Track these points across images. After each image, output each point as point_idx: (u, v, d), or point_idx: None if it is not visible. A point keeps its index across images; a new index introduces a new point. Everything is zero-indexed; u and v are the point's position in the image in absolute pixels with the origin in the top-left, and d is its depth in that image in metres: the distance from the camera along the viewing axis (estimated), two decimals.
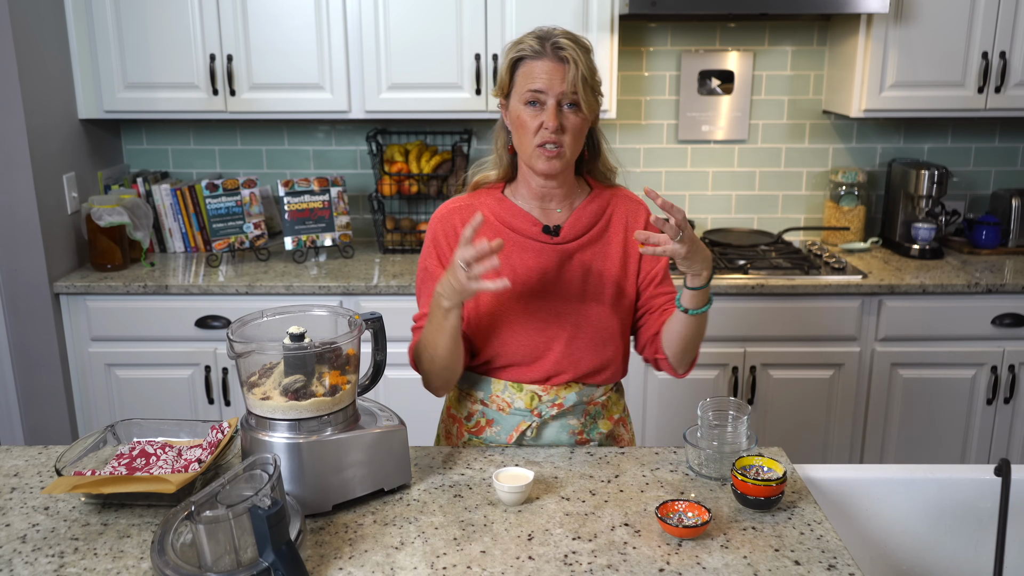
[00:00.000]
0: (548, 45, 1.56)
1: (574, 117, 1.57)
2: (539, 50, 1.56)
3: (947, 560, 1.65)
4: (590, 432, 1.73)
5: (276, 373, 1.45)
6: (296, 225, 3.08)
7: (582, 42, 1.59)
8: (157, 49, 2.93)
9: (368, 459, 1.46)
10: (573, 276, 1.67)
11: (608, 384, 1.75)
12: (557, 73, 1.54)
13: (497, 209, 1.69)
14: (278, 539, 1.20)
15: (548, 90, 1.55)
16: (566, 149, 1.59)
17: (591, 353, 1.68)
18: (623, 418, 1.82)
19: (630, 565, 1.31)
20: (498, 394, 1.70)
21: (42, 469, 1.61)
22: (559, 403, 1.69)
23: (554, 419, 1.70)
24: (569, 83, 1.54)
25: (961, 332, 2.87)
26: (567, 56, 1.54)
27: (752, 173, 3.39)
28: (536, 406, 1.69)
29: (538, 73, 1.56)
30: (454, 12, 2.89)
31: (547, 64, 1.55)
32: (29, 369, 2.88)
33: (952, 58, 2.94)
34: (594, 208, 1.70)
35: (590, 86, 1.56)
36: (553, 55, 1.55)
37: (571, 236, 1.68)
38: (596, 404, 1.74)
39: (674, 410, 2.91)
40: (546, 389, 1.68)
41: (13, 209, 2.75)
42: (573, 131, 1.58)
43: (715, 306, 2.80)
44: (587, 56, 1.58)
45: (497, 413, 1.71)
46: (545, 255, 1.66)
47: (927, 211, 3.18)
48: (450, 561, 1.32)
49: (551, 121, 1.55)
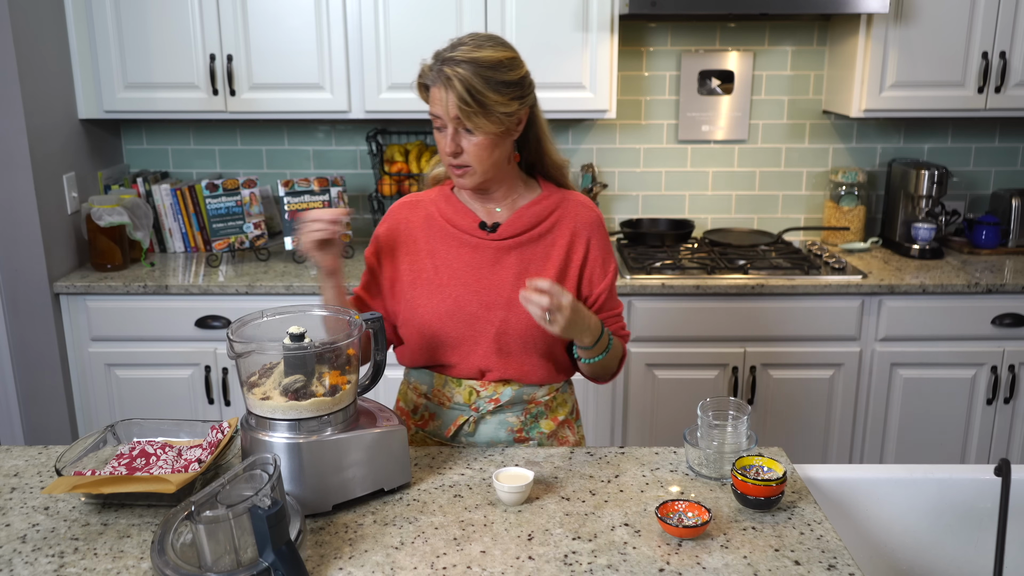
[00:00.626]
0: (438, 69, 1.53)
1: (473, 139, 1.56)
2: (433, 76, 1.55)
3: (947, 560, 1.65)
4: (530, 431, 1.73)
5: (276, 373, 1.46)
6: (296, 225, 3.08)
7: (479, 58, 1.52)
8: (157, 49, 2.93)
9: (368, 459, 1.46)
10: (506, 274, 1.66)
11: (550, 384, 1.74)
12: (444, 100, 1.54)
13: (443, 206, 1.71)
14: (278, 539, 1.20)
15: (443, 116, 1.55)
16: (474, 167, 1.59)
17: (520, 352, 1.67)
18: (569, 420, 1.80)
19: (630, 565, 1.31)
20: (439, 388, 1.73)
21: (42, 469, 1.61)
22: (495, 399, 1.69)
23: (492, 415, 1.71)
24: (452, 112, 1.53)
25: (961, 332, 2.87)
26: (449, 84, 1.51)
27: (752, 173, 3.39)
28: (474, 401, 1.70)
29: (434, 99, 1.56)
30: (454, 12, 2.89)
31: (437, 92, 1.55)
32: (29, 369, 2.88)
33: (952, 58, 2.94)
34: (539, 210, 1.69)
35: (481, 107, 1.51)
36: (440, 80, 1.53)
37: (508, 234, 1.67)
38: (538, 403, 1.73)
39: (674, 410, 2.91)
40: (484, 385, 1.69)
41: (13, 209, 2.75)
42: (474, 152, 1.57)
43: (715, 306, 2.83)
44: (482, 72, 1.52)
45: (438, 407, 1.73)
46: (480, 251, 1.67)
47: (927, 211, 3.18)
48: (450, 561, 1.32)
49: (447, 146, 1.57)
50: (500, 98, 1.53)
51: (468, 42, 1.56)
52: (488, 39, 1.58)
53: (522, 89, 1.58)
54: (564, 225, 1.70)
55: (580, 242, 1.70)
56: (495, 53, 1.55)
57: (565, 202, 1.71)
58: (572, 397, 1.83)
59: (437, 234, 1.70)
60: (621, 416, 2.94)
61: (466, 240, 1.68)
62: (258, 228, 3.13)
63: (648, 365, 2.88)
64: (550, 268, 1.68)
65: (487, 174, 1.62)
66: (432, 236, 1.70)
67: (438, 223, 1.71)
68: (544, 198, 1.70)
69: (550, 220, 1.69)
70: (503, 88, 1.54)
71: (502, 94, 1.54)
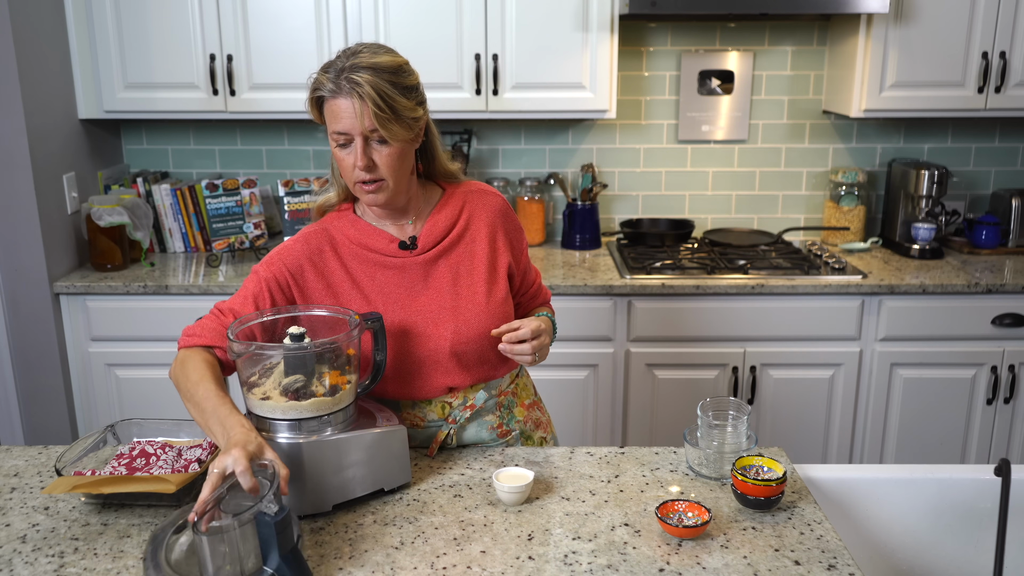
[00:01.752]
0: (342, 80, 1.46)
1: (386, 149, 1.50)
2: (334, 88, 1.47)
3: (947, 560, 1.65)
4: (509, 423, 1.73)
5: (276, 373, 1.46)
6: (296, 225, 3.08)
7: (380, 63, 1.48)
8: (157, 49, 2.93)
9: (368, 459, 1.46)
10: (442, 284, 1.63)
11: (511, 372, 1.75)
12: (355, 110, 1.46)
13: (351, 232, 1.63)
14: (284, 545, 1.19)
15: (351, 130, 1.48)
16: (387, 181, 1.53)
17: (479, 356, 1.64)
18: (536, 402, 1.82)
19: (630, 565, 1.31)
20: (408, 411, 1.67)
21: (42, 469, 1.62)
22: (471, 404, 1.67)
23: (470, 421, 1.69)
24: (366, 121, 1.46)
25: (961, 332, 2.87)
26: (361, 91, 1.45)
27: (752, 173, 3.39)
28: (449, 413, 1.67)
29: (338, 113, 1.48)
30: (454, 12, 2.90)
31: (344, 102, 1.47)
32: (29, 369, 2.88)
33: (952, 58, 2.94)
34: (448, 212, 1.66)
35: (392, 113, 1.47)
36: (348, 90, 1.46)
37: (429, 245, 1.63)
38: (506, 394, 1.73)
39: (674, 410, 2.91)
40: (454, 395, 1.66)
41: (13, 209, 2.75)
42: (387, 163, 1.51)
43: (715, 306, 2.83)
44: (387, 78, 1.47)
45: (412, 429, 1.68)
46: (408, 270, 1.62)
47: (927, 211, 3.18)
48: (450, 561, 1.32)
49: (359, 160, 1.49)
50: (408, 103, 1.50)
51: (363, 50, 1.50)
52: (379, 46, 1.53)
53: (421, 94, 1.56)
54: (478, 218, 1.68)
55: (499, 230, 1.69)
56: (392, 58, 1.51)
57: (469, 195, 1.70)
58: (529, 379, 1.84)
59: (354, 262, 1.62)
60: (621, 416, 2.94)
61: (389, 262, 1.61)
62: (258, 228, 3.13)
63: (648, 365, 2.88)
64: (479, 265, 1.65)
65: (399, 186, 1.56)
66: (350, 266, 1.62)
67: (351, 251, 1.62)
68: (448, 198, 1.68)
69: (463, 218, 1.67)
70: (408, 93, 1.51)
71: (408, 98, 1.50)
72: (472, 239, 1.67)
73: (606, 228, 3.39)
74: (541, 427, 1.80)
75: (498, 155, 3.36)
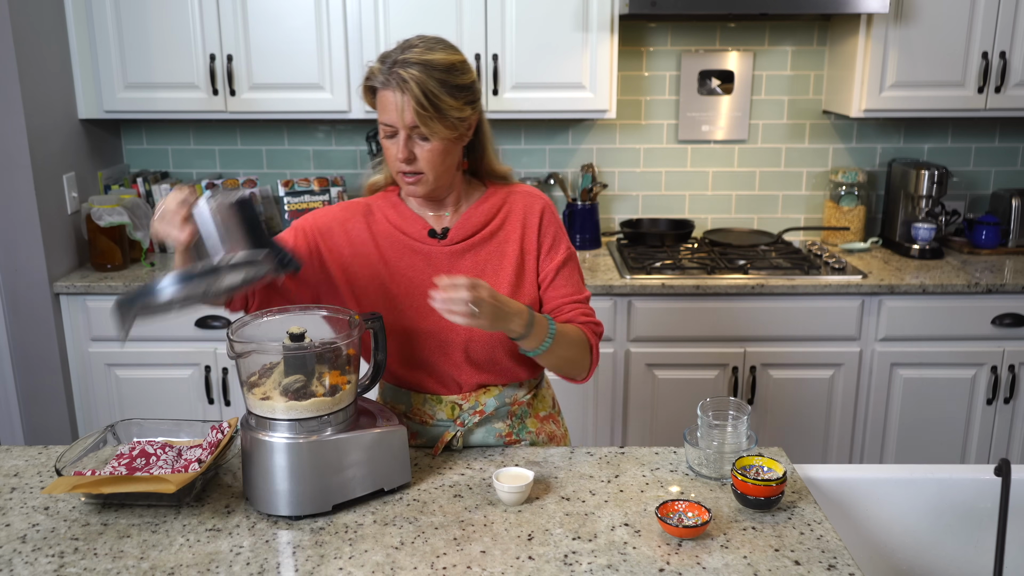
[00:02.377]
0: (392, 73, 1.47)
1: (427, 145, 1.52)
2: (384, 80, 1.49)
3: (947, 560, 1.65)
4: (519, 433, 1.71)
5: (276, 373, 1.46)
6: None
7: (433, 60, 1.48)
8: (157, 49, 2.93)
9: (368, 459, 1.46)
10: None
11: (530, 381, 1.72)
12: (399, 105, 1.48)
13: (390, 212, 1.66)
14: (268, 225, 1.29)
15: (395, 123, 1.50)
16: (426, 175, 1.55)
17: (490, 356, 1.63)
18: (552, 415, 1.78)
19: (630, 565, 1.31)
20: (419, 407, 1.68)
21: (42, 469, 1.62)
22: (480, 410, 1.66)
23: (478, 425, 1.68)
24: (407, 116, 1.48)
25: (961, 332, 2.87)
26: (405, 87, 1.46)
27: (752, 173, 3.39)
28: (458, 415, 1.66)
29: (385, 105, 1.50)
30: (454, 12, 2.90)
31: (390, 95, 1.49)
32: (29, 369, 2.88)
33: (952, 58, 2.94)
34: (486, 208, 1.65)
35: (437, 111, 1.48)
36: (395, 84, 1.47)
37: (459, 238, 1.63)
38: (521, 404, 1.71)
39: (674, 410, 2.91)
40: (465, 397, 1.66)
41: (13, 209, 2.75)
42: (427, 159, 1.53)
43: (715, 306, 2.83)
44: (437, 76, 1.48)
45: (420, 426, 1.69)
46: (433, 259, 1.63)
47: (927, 211, 3.18)
48: (450, 561, 1.32)
49: (400, 153, 1.51)
50: (455, 102, 1.50)
51: (419, 44, 1.51)
52: (438, 41, 1.54)
53: (473, 94, 1.55)
54: (514, 218, 1.66)
55: (531, 231, 1.66)
56: (448, 56, 1.51)
57: (511, 195, 1.68)
58: (550, 391, 1.81)
59: (385, 241, 1.64)
60: (621, 416, 2.94)
61: (417, 247, 1.63)
62: None
63: (648, 365, 2.88)
64: (507, 266, 1.64)
65: (439, 181, 1.57)
66: (380, 241, 1.65)
67: (386, 229, 1.65)
68: (491, 195, 1.67)
69: (499, 217, 1.66)
70: (457, 92, 1.50)
71: (456, 98, 1.50)
72: (504, 239, 1.65)
73: (606, 228, 3.39)
74: (555, 440, 1.77)
75: (498, 155, 3.35)
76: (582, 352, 1.62)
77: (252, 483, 1.45)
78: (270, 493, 1.42)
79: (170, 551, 1.34)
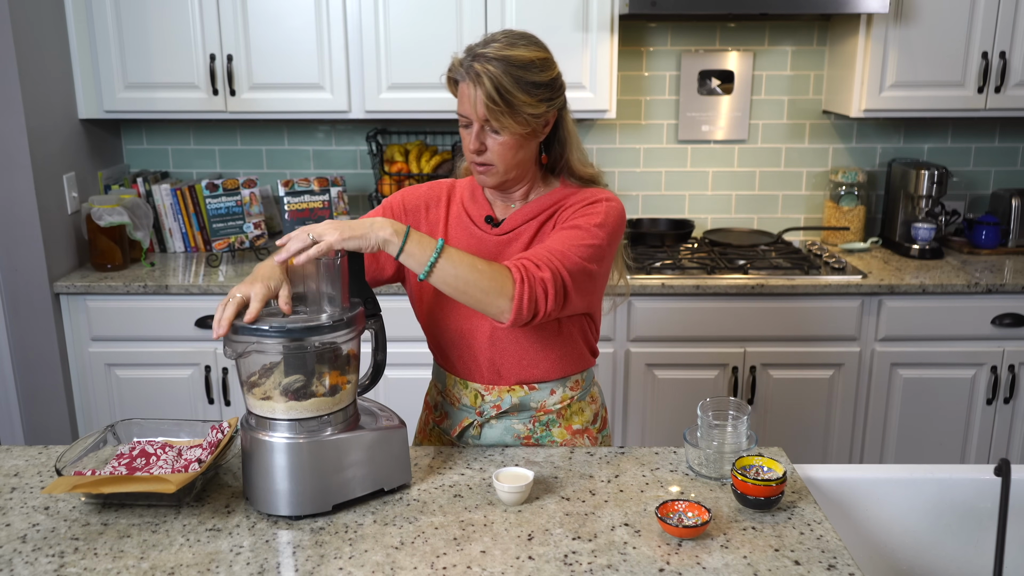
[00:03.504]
0: (469, 66, 1.51)
1: (499, 138, 1.54)
2: (463, 72, 1.52)
3: (947, 560, 1.65)
4: (540, 439, 1.71)
5: (276, 373, 1.45)
6: (296, 225, 3.08)
7: (512, 56, 1.50)
8: (157, 49, 2.93)
9: (368, 459, 1.46)
10: None
11: (565, 390, 1.69)
12: (471, 98, 1.51)
13: (466, 194, 1.71)
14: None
15: (468, 115, 1.54)
16: (496, 166, 1.57)
17: (519, 350, 1.64)
18: (589, 430, 1.73)
19: (630, 565, 1.31)
20: (450, 388, 1.73)
21: (42, 469, 1.61)
22: (498, 405, 1.67)
23: (497, 420, 1.70)
24: (479, 109, 1.51)
25: (961, 332, 2.87)
26: (479, 81, 1.49)
27: (752, 173, 3.39)
28: (479, 405, 1.69)
29: (461, 96, 1.55)
30: (454, 12, 2.90)
31: (466, 87, 1.52)
32: (29, 369, 2.88)
33: (952, 58, 2.94)
34: (544, 203, 1.64)
35: (508, 107, 1.49)
36: (470, 77, 1.51)
37: (508, 228, 1.65)
38: (549, 412, 1.70)
39: (674, 410, 2.91)
40: (488, 389, 1.67)
41: (13, 209, 2.75)
42: (497, 151, 1.55)
43: (715, 306, 2.83)
44: (513, 72, 1.49)
45: (450, 407, 1.74)
46: (484, 243, 1.65)
47: (927, 211, 3.18)
48: (450, 561, 1.32)
49: (472, 144, 1.55)
50: (529, 99, 1.51)
51: (501, 39, 1.53)
52: (522, 37, 1.55)
53: (552, 91, 1.55)
54: (562, 212, 1.63)
55: (565, 212, 1.61)
56: (528, 52, 1.52)
57: (577, 193, 1.64)
58: (593, 406, 1.75)
59: (454, 220, 1.70)
60: (621, 416, 2.94)
61: (474, 231, 1.67)
62: (258, 228, 3.13)
63: (648, 365, 2.88)
64: None
65: (509, 174, 1.60)
66: (452, 223, 1.70)
67: (457, 209, 1.71)
68: (556, 193, 1.65)
69: (552, 209, 1.64)
70: (533, 89, 1.51)
71: (531, 95, 1.51)
72: (546, 233, 1.63)
73: None
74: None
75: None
76: (492, 281, 1.46)
77: (252, 483, 1.45)
78: (270, 493, 1.42)
79: (170, 551, 1.34)
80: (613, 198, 1.63)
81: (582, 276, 1.54)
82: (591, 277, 1.57)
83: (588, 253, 1.54)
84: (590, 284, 1.58)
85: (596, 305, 1.69)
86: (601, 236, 1.56)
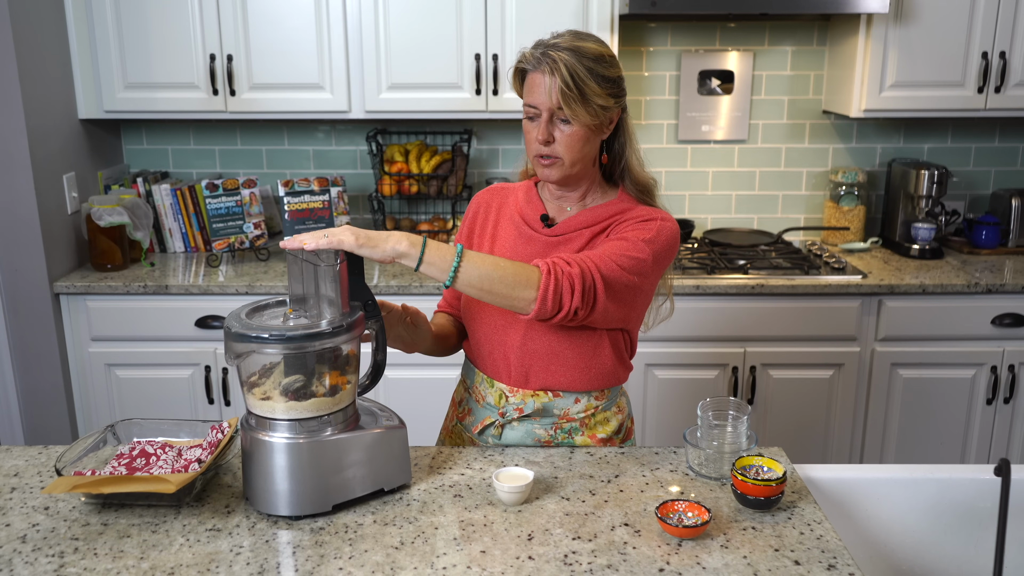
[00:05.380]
0: (543, 55, 1.54)
1: (568, 129, 1.56)
2: (535, 62, 1.55)
3: (947, 560, 1.65)
4: (561, 445, 1.70)
5: (276, 373, 1.45)
6: (296, 225, 3.08)
7: (583, 48, 1.54)
8: (157, 49, 2.93)
9: (368, 459, 1.46)
10: None
11: (592, 400, 1.69)
12: (546, 86, 1.54)
13: (520, 199, 1.73)
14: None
15: (539, 104, 1.55)
16: (562, 159, 1.58)
17: (548, 352, 1.63)
18: (613, 440, 1.73)
19: (630, 565, 1.31)
20: (477, 385, 1.74)
21: (42, 469, 1.61)
22: (520, 408, 1.67)
23: (518, 422, 1.70)
24: (553, 97, 1.53)
25: (961, 332, 2.87)
26: (554, 67, 1.52)
27: (752, 173, 3.39)
28: (503, 406, 1.69)
29: (532, 86, 1.56)
30: (454, 12, 2.90)
31: (538, 76, 1.55)
32: (29, 369, 2.88)
33: (952, 58, 2.94)
34: (600, 213, 1.64)
35: (581, 95, 1.52)
36: (545, 64, 1.53)
37: (561, 231, 1.66)
38: (572, 420, 1.69)
39: (674, 410, 2.91)
40: (513, 391, 1.68)
41: (13, 209, 2.75)
42: (565, 143, 1.56)
43: (715, 306, 2.83)
44: (585, 62, 1.53)
45: (474, 403, 1.75)
46: (533, 242, 1.67)
47: (927, 211, 3.18)
48: (450, 561, 1.32)
49: (540, 134, 1.57)
50: (599, 90, 1.54)
51: (568, 34, 1.58)
52: (589, 35, 1.59)
53: (618, 88, 1.59)
54: (618, 226, 1.62)
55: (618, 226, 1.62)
56: (597, 46, 1.57)
57: (634, 209, 1.64)
58: (620, 416, 1.74)
59: (506, 221, 1.72)
60: None
61: (523, 230, 1.68)
62: (258, 228, 3.13)
63: (648, 365, 2.88)
64: None
65: (574, 167, 1.60)
66: (502, 222, 1.72)
67: (510, 212, 1.73)
68: (613, 204, 1.66)
69: (608, 222, 1.64)
70: (602, 81, 1.55)
71: (601, 86, 1.54)
72: (598, 244, 1.62)
73: None
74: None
75: (498, 155, 3.36)
76: (516, 276, 1.47)
77: (252, 483, 1.45)
78: (270, 493, 1.42)
79: (170, 551, 1.34)
80: (669, 218, 1.64)
81: (617, 284, 1.54)
82: (628, 288, 1.56)
83: (628, 263, 1.55)
84: (626, 295, 1.57)
85: (635, 322, 1.68)
86: (646, 251, 1.57)
